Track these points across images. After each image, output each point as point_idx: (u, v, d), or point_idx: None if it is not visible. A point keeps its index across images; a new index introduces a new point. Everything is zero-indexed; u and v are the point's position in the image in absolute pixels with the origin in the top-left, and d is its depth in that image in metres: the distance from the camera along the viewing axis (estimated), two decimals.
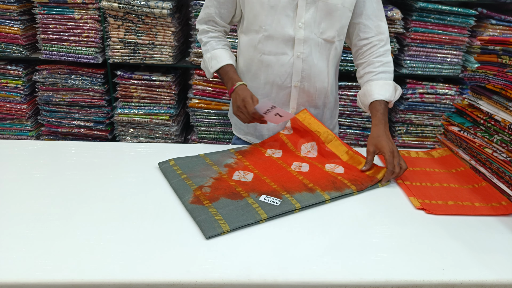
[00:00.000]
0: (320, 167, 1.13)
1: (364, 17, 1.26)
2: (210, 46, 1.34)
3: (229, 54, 1.34)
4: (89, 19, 2.25)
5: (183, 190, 0.98)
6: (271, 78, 1.29)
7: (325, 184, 1.03)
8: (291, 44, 1.24)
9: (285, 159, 1.17)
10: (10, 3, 2.21)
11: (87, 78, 2.37)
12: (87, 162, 1.12)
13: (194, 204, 0.92)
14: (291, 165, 1.14)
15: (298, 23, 1.21)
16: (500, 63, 1.09)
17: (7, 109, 2.43)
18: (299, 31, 1.22)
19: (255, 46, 1.27)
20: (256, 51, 1.28)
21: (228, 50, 1.35)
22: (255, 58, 1.29)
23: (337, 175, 1.08)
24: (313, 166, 1.14)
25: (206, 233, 0.82)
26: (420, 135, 2.53)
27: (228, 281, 0.72)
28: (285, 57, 1.25)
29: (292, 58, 1.25)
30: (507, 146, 1.03)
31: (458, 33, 2.30)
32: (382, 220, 0.92)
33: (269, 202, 0.94)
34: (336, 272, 0.74)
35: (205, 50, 1.35)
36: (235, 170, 1.09)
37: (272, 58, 1.26)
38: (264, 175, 1.07)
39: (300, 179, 1.06)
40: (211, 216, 0.87)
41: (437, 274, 0.75)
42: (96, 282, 0.70)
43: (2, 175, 1.03)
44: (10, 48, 2.32)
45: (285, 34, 1.22)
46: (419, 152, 1.28)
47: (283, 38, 1.23)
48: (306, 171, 1.10)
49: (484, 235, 0.88)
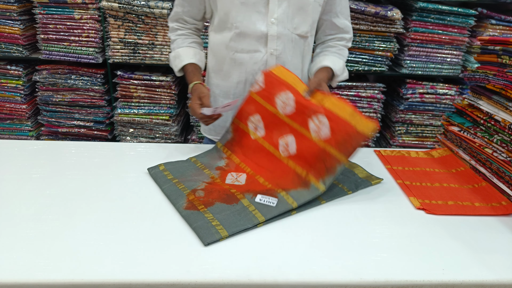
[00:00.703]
0: (306, 134, 1.04)
1: (333, 14, 1.29)
2: (176, 44, 1.32)
3: (192, 52, 1.30)
4: (89, 19, 2.25)
5: (176, 195, 0.96)
6: (244, 76, 1.26)
7: (317, 167, 0.99)
8: (264, 41, 1.21)
9: (270, 137, 1.11)
10: (10, 3, 2.21)
11: (87, 78, 2.37)
12: (87, 162, 1.12)
13: (188, 209, 0.90)
14: (278, 146, 1.08)
15: (270, 19, 1.19)
16: (500, 63, 1.09)
17: (7, 109, 2.43)
18: (272, 27, 1.19)
19: (227, 44, 1.24)
20: (228, 49, 1.24)
21: (193, 48, 1.32)
22: (227, 57, 1.26)
23: (325, 145, 1.00)
24: (299, 137, 1.05)
25: (204, 239, 0.81)
26: (420, 135, 2.53)
27: (228, 281, 0.72)
28: (258, 54, 1.23)
29: (266, 56, 1.23)
30: (507, 146, 1.03)
31: (458, 33, 2.30)
32: (382, 220, 0.92)
33: (265, 203, 0.93)
34: (336, 272, 0.74)
35: (172, 48, 1.34)
36: (227, 173, 1.07)
37: (245, 56, 1.23)
38: (257, 173, 1.06)
39: (292, 167, 1.03)
40: (208, 222, 0.86)
41: (437, 274, 0.75)
42: (96, 282, 0.70)
43: (2, 175, 1.03)
44: (10, 48, 2.32)
45: (257, 30, 1.19)
46: (419, 152, 1.28)
47: (256, 35, 1.20)
48: (294, 152, 1.05)
49: (484, 235, 0.88)
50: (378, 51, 2.31)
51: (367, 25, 2.23)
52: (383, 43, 2.29)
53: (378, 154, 1.26)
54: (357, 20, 2.22)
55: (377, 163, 1.20)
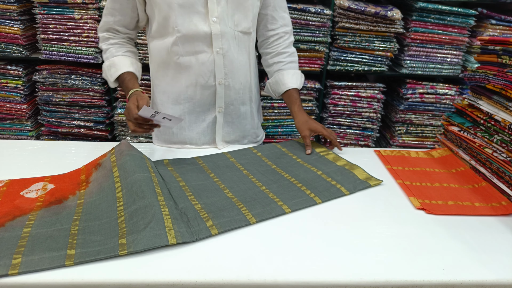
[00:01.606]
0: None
1: (272, 8, 1.30)
2: (109, 53, 1.26)
3: (129, 61, 1.25)
4: (89, 19, 2.25)
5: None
6: (193, 79, 1.24)
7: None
8: (208, 41, 1.20)
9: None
10: (10, 3, 2.21)
11: (87, 78, 2.37)
12: (87, 162, 1.11)
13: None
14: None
15: (211, 18, 1.17)
16: (500, 63, 1.09)
17: (7, 109, 2.43)
18: (215, 26, 1.18)
19: (169, 50, 1.21)
20: (172, 54, 1.21)
21: (128, 57, 1.27)
22: (171, 62, 1.23)
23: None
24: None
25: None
26: (420, 135, 2.53)
27: (228, 281, 0.72)
28: (204, 55, 1.21)
29: (212, 55, 1.21)
30: (507, 146, 1.03)
31: (458, 33, 2.30)
32: (382, 220, 0.92)
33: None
34: (336, 272, 0.74)
35: (105, 58, 1.27)
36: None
37: (191, 58, 1.21)
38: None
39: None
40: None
41: (437, 274, 0.75)
42: (96, 282, 0.70)
43: (2, 175, 1.03)
44: (10, 48, 2.32)
45: (200, 31, 1.18)
46: (419, 152, 1.28)
47: (199, 36, 1.18)
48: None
49: (484, 235, 0.88)
50: (378, 51, 2.31)
51: (367, 25, 2.23)
52: (383, 43, 2.29)
53: (378, 154, 1.26)
54: (357, 20, 2.22)
55: (377, 163, 1.20)
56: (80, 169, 1.07)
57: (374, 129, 2.51)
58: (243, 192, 0.99)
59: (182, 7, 1.15)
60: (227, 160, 1.17)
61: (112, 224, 0.83)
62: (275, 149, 1.25)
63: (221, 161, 1.16)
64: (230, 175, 1.07)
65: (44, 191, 0.95)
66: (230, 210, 0.91)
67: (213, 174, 1.07)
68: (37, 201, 0.91)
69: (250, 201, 0.95)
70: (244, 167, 1.13)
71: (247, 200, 0.95)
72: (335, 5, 2.21)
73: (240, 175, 1.07)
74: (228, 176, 1.07)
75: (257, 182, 1.04)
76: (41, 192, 0.94)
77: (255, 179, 1.05)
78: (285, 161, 1.17)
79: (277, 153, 1.22)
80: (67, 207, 0.89)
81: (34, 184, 0.97)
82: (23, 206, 0.88)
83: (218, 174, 1.08)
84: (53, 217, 0.85)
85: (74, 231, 0.81)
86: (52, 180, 1.01)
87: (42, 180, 1.00)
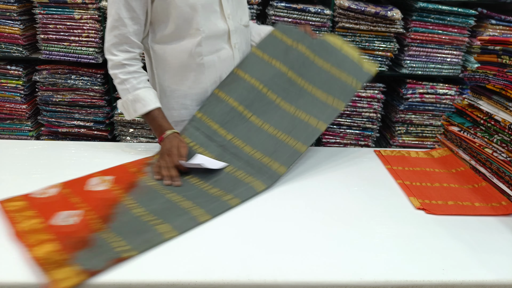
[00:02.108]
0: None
1: (244, 1, 1.34)
2: (130, 85, 1.15)
3: (153, 94, 1.18)
4: (89, 19, 2.25)
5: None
6: (217, 76, 1.25)
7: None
8: (226, 38, 1.24)
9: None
10: (10, 3, 2.21)
11: (87, 78, 2.37)
12: (87, 162, 1.11)
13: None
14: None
15: (226, 15, 1.22)
16: (500, 63, 1.09)
17: (7, 109, 2.43)
18: (230, 23, 1.23)
19: (192, 52, 1.19)
20: (195, 56, 1.19)
21: (151, 89, 1.19)
22: (193, 64, 1.21)
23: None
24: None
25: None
26: (420, 135, 2.53)
27: (228, 281, 0.72)
28: (224, 51, 1.25)
29: (231, 51, 1.26)
30: (507, 146, 1.03)
31: (458, 33, 2.30)
32: (382, 220, 0.92)
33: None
34: (336, 272, 0.74)
35: (123, 90, 1.16)
36: None
37: (214, 57, 1.22)
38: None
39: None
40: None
41: (437, 274, 0.75)
42: (96, 282, 0.70)
43: (2, 175, 1.03)
44: (10, 48, 2.32)
45: (220, 29, 1.21)
46: (419, 152, 1.28)
47: (219, 34, 1.22)
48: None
49: (484, 235, 0.88)
50: (378, 51, 2.31)
51: (367, 25, 2.23)
52: (383, 43, 2.29)
53: (378, 154, 1.26)
54: (357, 20, 2.22)
55: (377, 163, 1.20)
56: (123, 165, 1.08)
57: (374, 129, 2.51)
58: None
59: (204, 7, 1.16)
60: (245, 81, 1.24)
61: (204, 191, 0.97)
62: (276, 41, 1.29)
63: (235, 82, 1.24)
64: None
65: (110, 182, 0.98)
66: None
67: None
68: (113, 190, 0.96)
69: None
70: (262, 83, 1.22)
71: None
72: (335, 5, 2.21)
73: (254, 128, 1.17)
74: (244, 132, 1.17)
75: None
76: (108, 184, 0.98)
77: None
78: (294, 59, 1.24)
79: (282, 48, 1.27)
80: (145, 187, 0.96)
81: (90, 179, 1.00)
82: (108, 196, 0.92)
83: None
84: (147, 195, 0.93)
85: (179, 200, 0.93)
86: (105, 173, 1.03)
87: (93, 176, 1.02)
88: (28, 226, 0.81)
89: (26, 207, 0.87)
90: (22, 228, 0.80)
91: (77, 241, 0.78)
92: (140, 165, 1.09)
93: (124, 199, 0.92)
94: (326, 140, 2.50)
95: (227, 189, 0.99)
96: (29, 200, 0.90)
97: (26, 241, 0.77)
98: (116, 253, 0.75)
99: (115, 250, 0.76)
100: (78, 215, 0.86)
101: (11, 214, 0.85)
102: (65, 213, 0.86)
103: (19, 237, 0.78)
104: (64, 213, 0.86)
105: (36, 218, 0.84)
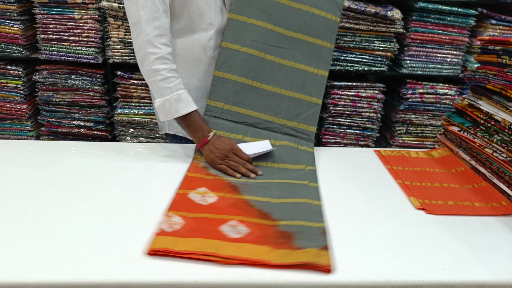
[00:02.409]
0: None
1: None
2: (173, 84, 1.10)
3: (191, 97, 1.15)
4: (89, 19, 2.25)
5: None
6: None
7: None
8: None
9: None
10: (10, 3, 2.21)
11: (87, 78, 2.37)
12: (87, 162, 1.12)
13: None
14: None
15: (228, 8, 1.24)
16: (500, 63, 1.09)
17: (7, 109, 2.43)
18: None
19: (205, 45, 1.22)
20: (207, 49, 1.22)
21: (188, 92, 1.15)
22: (205, 57, 1.23)
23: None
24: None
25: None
26: (420, 135, 2.53)
27: (228, 281, 0.72)
28: None
29: None
30: (507, 146, 1.03)
31: (458, 33, 2.30)
32: (382, 220, 0.92)
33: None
34: (336, 272, 0.74)
35: (165, 88, 1.10)
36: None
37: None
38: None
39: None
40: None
41: (437, 274, 0.75)
42: (96, 282, 0.70)
43: (2, 175, 1.03)
44: (10, 48, 2.32)
45: (224, 23, 1.24)
46: (419, 152, 1.28)
47: (224, 27, 1.24)
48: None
49: (484, 235, 0.88)
50: (378, 51, 2.31)
51: (367, 25, 2.23)
52: (383, 43, 2.29)
53: (378, 154, 1.26)
54: (357, 20, 2.22)
55: (377, 163, 1.20)
56: (189, 177, 1.04)
57: (374, 129, 2.51)
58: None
59: (215, 2, 1.19)
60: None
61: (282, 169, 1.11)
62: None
63: None
64: None
65: (211, 193, 0.97)
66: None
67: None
68: (223, 196, 0.96)
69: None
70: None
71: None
72: None
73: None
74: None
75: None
76: (212, 194, 0.96)
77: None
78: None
79: (257, 4, 1.25)
80: (245, 184, 1.01)
81: (189, 196, 0.95)
82: (231, 202, 0.93)
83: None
84: (255, 189, 0.98)
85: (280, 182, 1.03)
86: (191, 187, 0.99)
87: (187, 193, 0.96)
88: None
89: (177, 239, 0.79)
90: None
91: (280, 238, 0.81)
92: (202, 172, 1.07)
93: (246, 197, 0.95)
94: (326, 140, 2.50)
95: (291, 161, 1.13)
96: (175, 234, 0.81)
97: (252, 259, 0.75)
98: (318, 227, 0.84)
99: (316, 226, 0.84)
100: (240, 221, 0.86)
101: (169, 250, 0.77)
102: (227, 227, 0.84)
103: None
104: (225, 226, 0.84)
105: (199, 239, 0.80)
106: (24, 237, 0.80)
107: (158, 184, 1.03)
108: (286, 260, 0.74)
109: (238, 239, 0.80)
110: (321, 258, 0.75)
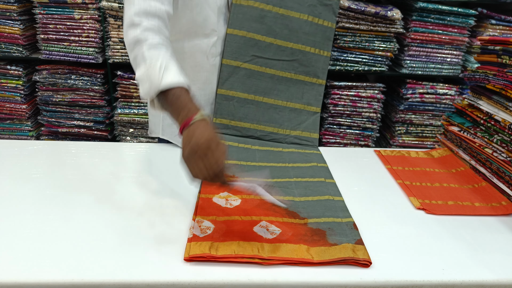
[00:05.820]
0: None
1: None
2: (162, 52, 0.88)
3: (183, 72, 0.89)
4: (89, 19, 2.25)
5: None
6: None
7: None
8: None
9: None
10: (10, 3, 2.21)
11: (87, 78, 2.37)
12: (87, 162, 1.11)
13: None
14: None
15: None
16: (500, 63, 1.09)
17: (7, 109, 2.43)
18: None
19: (208, 52, 1.18)
20: (209, 56, 1.19)
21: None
22: (206, 64, 1.20)
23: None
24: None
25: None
26: (420, 135, 2.53)
27: (228, 281, 0.72)
28: None
29: None
30: (507, 146, 1.03)
31: (458, 33, 2.30)
32: (382, 220, 0.92)
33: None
34: (336, 272, 0.74)
35: (151, 55, 0.86)
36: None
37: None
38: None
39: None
40: None
41: (437, 274, 0.75)
42: (96, 282, 0.70)
43: (2, 175, 1.03)
44: (10, 48, 2.32)
45: (225, 31, 1.20)
46: (419, 152, 1.28)
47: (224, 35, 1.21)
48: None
49: (484, 235, 0.88)
50: (378, 51, 2.31)
51: (367, 25, 2.23)
52: (383, 43, 2.29)
53: (378, 154, 1.26)
54: (357, 20, 2.22)
55: (377, 163, 1.20)
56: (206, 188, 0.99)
57: (374, 129, 2.51)
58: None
59: (219, 9, 1.17)
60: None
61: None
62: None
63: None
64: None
65: (236, 197, 0.95)
66: None
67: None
68: (243, 198, 0.96)
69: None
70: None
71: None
72: None
73: None
74: None
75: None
76: (237, 199, 0.95)
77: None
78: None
79: (255, 16, 1.21)
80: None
81: (213, 201, 0.94)
82: (256, 204, 0.93)
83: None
84: (278, 190, 0.98)
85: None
86: (210, 191, 0.97)
87: (211, 197, 0.95)
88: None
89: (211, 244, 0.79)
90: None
91: (313, 236, 0.82)
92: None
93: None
94: (326, 140, 2.50)
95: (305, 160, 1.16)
96: (209, 238, 0.80)
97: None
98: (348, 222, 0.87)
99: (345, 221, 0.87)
100: (270, 222, 0.86)
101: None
102: (258, 228, 0.84)
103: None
104: (257, 227, 0.84)
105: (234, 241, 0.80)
106: (24, 237, 0.80)
107: (158, 184, 1.03)
108: (325, 257, 0.76)
109: (274, 240, 0.81)
110: (359, 252, 0.78)
